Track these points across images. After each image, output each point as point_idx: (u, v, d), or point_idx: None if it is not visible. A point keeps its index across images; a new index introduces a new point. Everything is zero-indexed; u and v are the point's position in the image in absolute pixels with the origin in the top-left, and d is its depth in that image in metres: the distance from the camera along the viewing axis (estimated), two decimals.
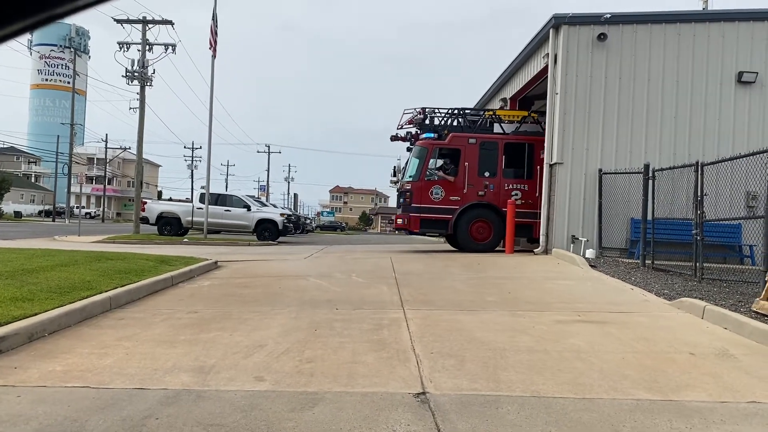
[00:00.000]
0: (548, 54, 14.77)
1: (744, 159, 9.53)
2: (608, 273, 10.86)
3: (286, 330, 5.96)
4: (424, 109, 18.21)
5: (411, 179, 16.78)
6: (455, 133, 16.75)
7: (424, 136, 17.16)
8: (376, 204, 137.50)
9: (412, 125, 18.24)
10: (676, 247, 12.14)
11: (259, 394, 3.97)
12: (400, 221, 17.02)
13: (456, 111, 17.92)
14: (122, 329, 5.93)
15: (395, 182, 19.23)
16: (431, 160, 16.57)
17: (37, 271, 8.32)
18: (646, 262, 11.85)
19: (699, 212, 10.17)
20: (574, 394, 4.09)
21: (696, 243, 10.21)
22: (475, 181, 16.33)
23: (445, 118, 17.78)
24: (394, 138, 19.46)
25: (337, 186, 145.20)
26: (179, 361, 4.74)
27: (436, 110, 17.82)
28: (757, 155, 8.98)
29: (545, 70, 15.23)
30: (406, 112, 18.72)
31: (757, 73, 14.40)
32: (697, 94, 14.48)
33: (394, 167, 19.92)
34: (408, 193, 16.66)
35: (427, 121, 17.64)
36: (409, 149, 18.60)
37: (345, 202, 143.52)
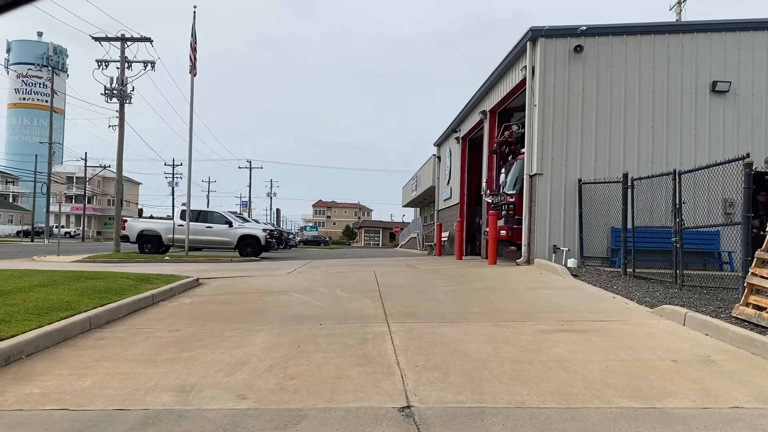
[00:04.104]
0: (526, 66, 14.93)
1: (720, 167, 9.67)
2: (590, 282, 10.93)
3: (269, 346, 5.91)
4: (522, 123, 18.35)
5: (514, 192, 16.81)
6: None
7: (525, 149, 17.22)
8: (359, 217, 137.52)
9: (511, 138, 18.30)
10: (656, 255, 12.27)
11: (242, 413, 3.91)
12: (503, 233, 17.02)
13: None
14: (102, 349, 5.84)
15: (495, 194, 19.13)
16: None
17: (14, 292, 8.18)
18: (627, 270, 11.95)
19: (678, 220, 10.30)
20: (558, 403, 4.09)
21: (676, 250, 10.33)
22: None
23: None
24: (492, 152, 19.63)
25: (320, 200, 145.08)
26: (160, 381, 4.67)
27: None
28: (733, 163, 9.12)
29: (524, 82, 15.39)
30: (505, 125, 18.88)
31: (731, 82, 14.69)
32: (672, 103, 14.72)
33: (485, 180, 19.98)
34: (511, 206, 16.72)
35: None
36: (504, 162, 18.68)
37: (328, 216, 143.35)
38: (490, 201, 19.06)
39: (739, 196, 8.61)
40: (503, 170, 18.73)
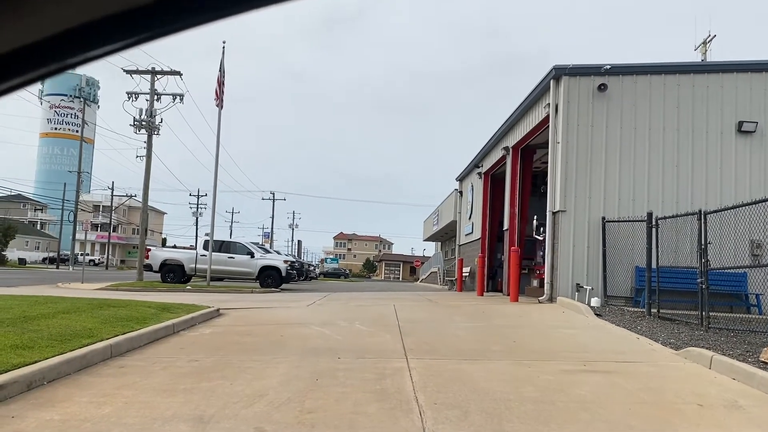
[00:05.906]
0: (549, 104, 14.99)
1: (747, 207, 9.55)
2: (613, 322, 10.75)
3: (288, 379, 5.89)
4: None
5: None
6: None
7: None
8: (380, 251, 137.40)
9: None
10: (681, 295, 12.06)
11: None
12: None
13: None
14: (122, 377, 5.87)
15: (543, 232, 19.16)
16: None
17: (38, 318, 8.29)
18: (652, 310, 11.74)
19: (703, 260, 10.13)
20: None
21: (701, 292, 10.14)
22: None
23: None
24: (543, 192, 19.80)
25: (341, 233, 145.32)
26: (179, 411, 4.67)
27: None
28: (760, 204, 9.00)
29: (547, 119, 15.42)
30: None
31: (757, 122, 14.57)
32: (698, 142, 14.63)
33: (536, 217, 20.19)
34: None
35: None
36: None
37: (349, 249, 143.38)
38: (541, 239, 18.94)
39: (767, 238, 8.47)
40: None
